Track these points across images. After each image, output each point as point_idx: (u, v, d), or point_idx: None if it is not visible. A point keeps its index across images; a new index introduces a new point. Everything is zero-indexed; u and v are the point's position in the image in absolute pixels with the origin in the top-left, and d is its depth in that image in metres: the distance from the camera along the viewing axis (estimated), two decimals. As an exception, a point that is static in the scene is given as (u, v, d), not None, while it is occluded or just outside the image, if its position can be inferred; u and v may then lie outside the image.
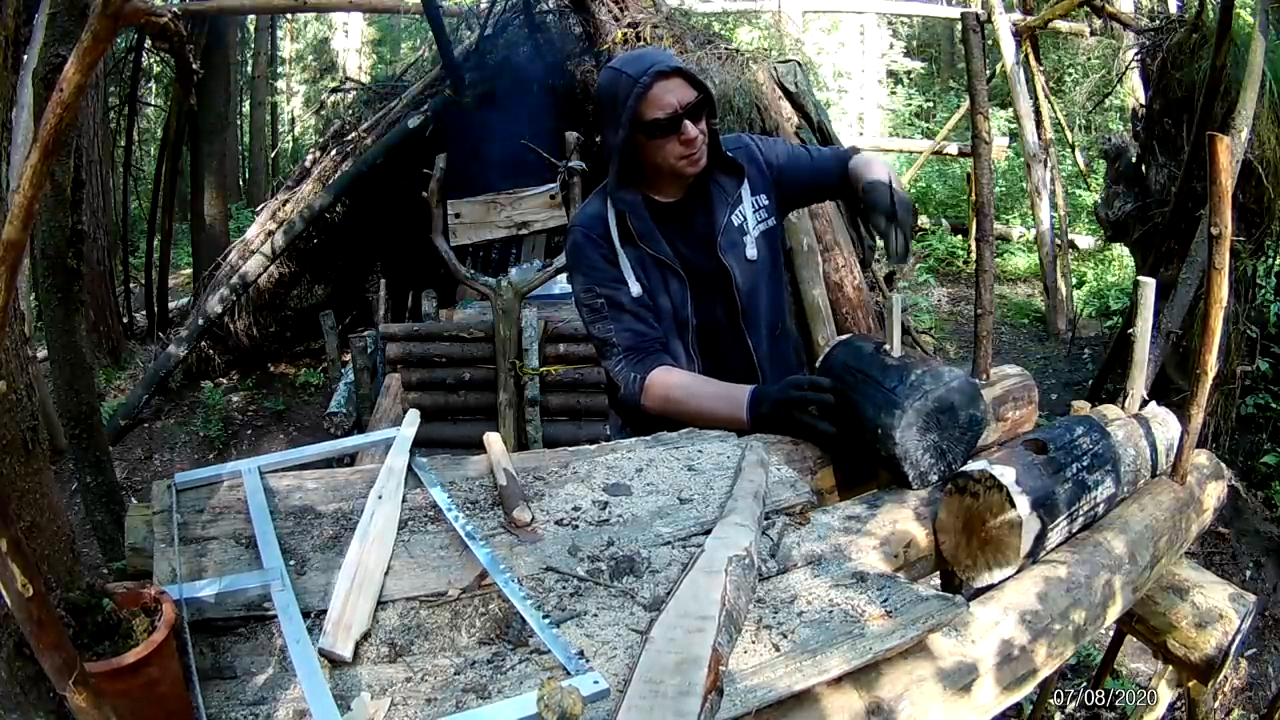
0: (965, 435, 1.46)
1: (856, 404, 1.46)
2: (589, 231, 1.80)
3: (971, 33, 2.03)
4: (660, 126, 1.67)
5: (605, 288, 1.78)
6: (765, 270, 1.89)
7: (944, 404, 1.42)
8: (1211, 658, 1.59)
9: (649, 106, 1.67)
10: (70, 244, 2.75)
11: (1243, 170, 3.76)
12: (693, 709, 0.86)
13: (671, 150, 1.70)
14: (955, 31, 9.82)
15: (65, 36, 2.47)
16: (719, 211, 1.84)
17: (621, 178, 1.77)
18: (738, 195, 1.86)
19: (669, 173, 1.76)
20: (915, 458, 1.40)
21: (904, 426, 1.38)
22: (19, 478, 1.34)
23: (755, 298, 1.87)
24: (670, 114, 1.66)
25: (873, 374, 1.47)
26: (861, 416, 1.44)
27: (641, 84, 1.65)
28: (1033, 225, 7.70)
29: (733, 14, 10.92)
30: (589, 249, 1.79)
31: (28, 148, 2.28)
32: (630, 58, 1.75)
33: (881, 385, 1.44)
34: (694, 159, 1.73)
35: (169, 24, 5.57)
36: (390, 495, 1.26)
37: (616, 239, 1.77)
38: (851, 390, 1.49)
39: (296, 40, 16.51)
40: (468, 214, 5.13)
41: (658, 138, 1.69)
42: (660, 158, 1.72)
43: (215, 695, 0.94)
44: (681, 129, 1.68)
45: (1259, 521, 3.98)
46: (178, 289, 8.67)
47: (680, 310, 1.81)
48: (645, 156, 1.74)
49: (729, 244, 1.83)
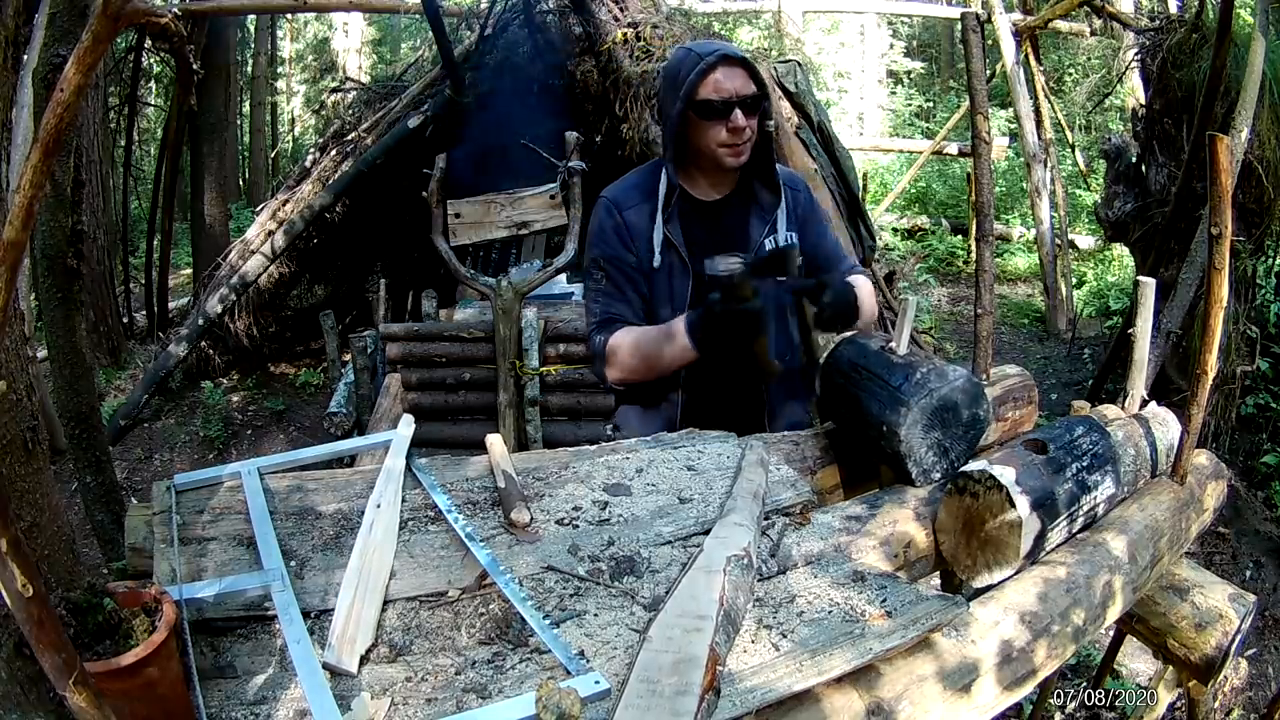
0: (968, 434, 1.46)
1: (861, 400, 1.47)
2: (615, 200, 1.81)
3: (971, 33, 2.04)
4: (713, 108, 1.69)
5: (613, 257, 1.79)
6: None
7: (948, 402, 1.42)
8: (1211, 658, 1.59)
9: (707, 87, 1.69)
10: (70, 244, 2.75)
11: (1243, 170, 3.76)
12: (690, 708, 0.86)
13: (717, 135, 1.71)
14: (955, 31, 9.83)
15: (65, 36, 2.46)
16: (755, 229, 1.84)
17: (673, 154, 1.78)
18: (774, 218, 1.86)
19: (711, 160, 1.76)
20: (919, 455, 1.41)
21: (909, 424, 1.38)
22: (19, 478, 1.34)
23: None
24: (725, 98, 1.68)
25: (878, 371, 1.48)
26: (866, 413, 1.45)
27: (706, 63, 1.67)
28: (1033, 225, 7.70)
29: (733, 14, 10.93)
30: (605, 219, 1.81)
31: (28, 148, 2.28)
32: (705, 41, 1.79)
33: (887, 383, 1.45)
34: (737, 150, 1.74)
35: (169, 24, 5.59)
36: (389, 503, 1.26)
37: (661, 207, 1.78)
38: (856, 387, 1.49)
39: (296, 40, 16.51)
40: (468, 214, 5.13)
41: (708, 119, 1.70)
42: (705, 141, 1.73)
43: (215, 695, 0.94)
44: (732, 117, 1.69)
45: (1259, 521, 3.97)
46: (178, 289, 8.66)
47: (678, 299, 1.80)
48: (692, 137, 1.75)
49: None
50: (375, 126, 5.90)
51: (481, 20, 5.81)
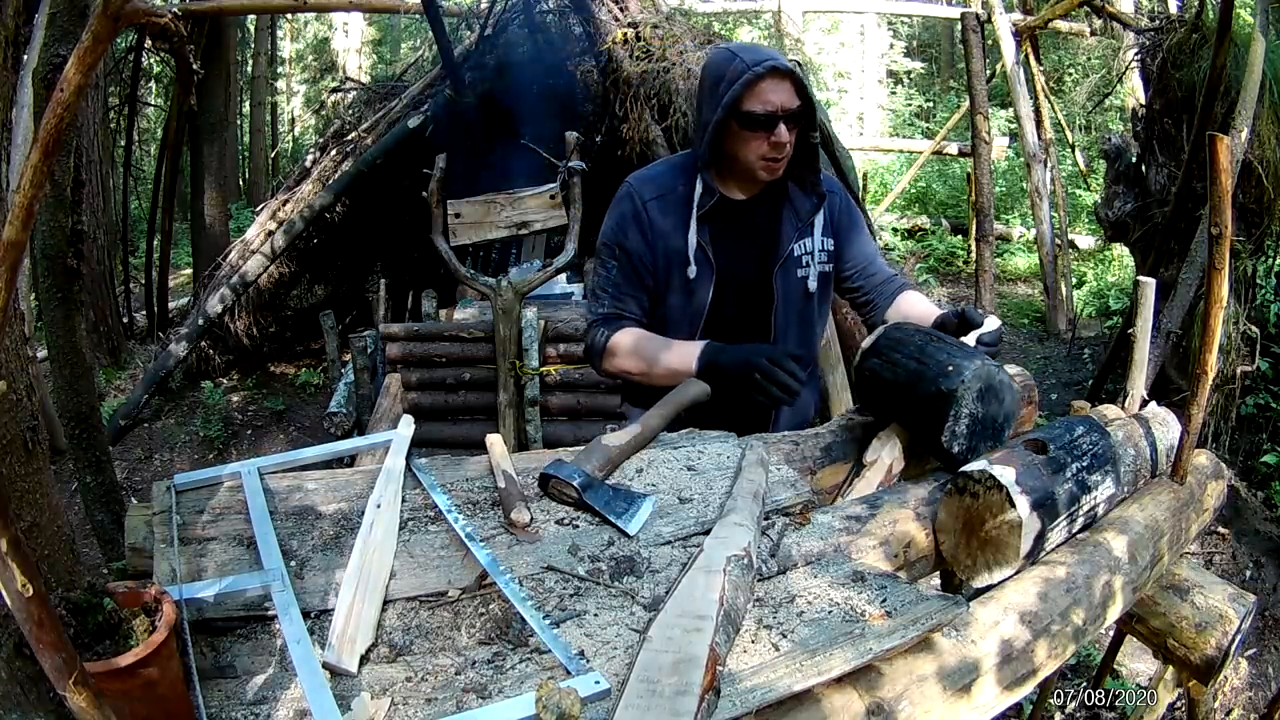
0: (990, 431, 1.47)
1: (925, 349, 1.48)
2: (640, 189, 1.78)
3: (971, 33, 2.04)
4: (757, 120, 1.65)
5: (628, 246, 1.76)
6: (812, 309, 1.86)
7: (1002, 387, 1.45)
8: (1211, 658, 1.59)
9: (753, 97, 1.64)
10: (70, 244, 2.75)
11: (1243, 170, 3.76)
12: (689, 708, 0.86)
13: (757, 148, 1.68)
14: (955, 31, 9.82)
15: (65, 36, 2.46)
16: (786, 231, 1.80)
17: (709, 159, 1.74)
18: (810, 223, 1.82)
19: (747, 171, 1.73)
20: (963, 412, 1.41)
21: (973, 374, 1.40)
22: (19, 478, 1.35)
23: (789, 331, 1.83)
24: (770, 112, 1.64)
25: (948, 339, 1.52)
26: (931, 360, 1.46)
27: (754, 72, 1.62)
28: (1033, 225, 7.69)
29: (733, 14, 10.94)
30: (627, 205, 1.77)
31: (28, 148, 2.28)
32: (749, 46, 1.73)
33: (961, 345, 1.51)
34: (773, 165, 1.70)
35: (169, 24, 5.58)
36: (389, 503, 1.26)
37: (695, 214, 1.74)
38: (924, 343, 1.51)
39: (296, 40, 16.52)
40: (468, 214, 5.12)
41: (750, 130, 1.66)
42: (744, 152, 1.69)
43: (215, 695, 0.94)
44: (775, 131, 1.65)
45: (1259, 521, 3.97)
46: (178, 289, 8.67)
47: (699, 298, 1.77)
48: (729, 145, 1.71)
49: (786, 270, 1.80)
50: (375, 126, 5.90)
51: (481, 20, 5.81)
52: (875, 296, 1.93)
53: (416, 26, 13.56)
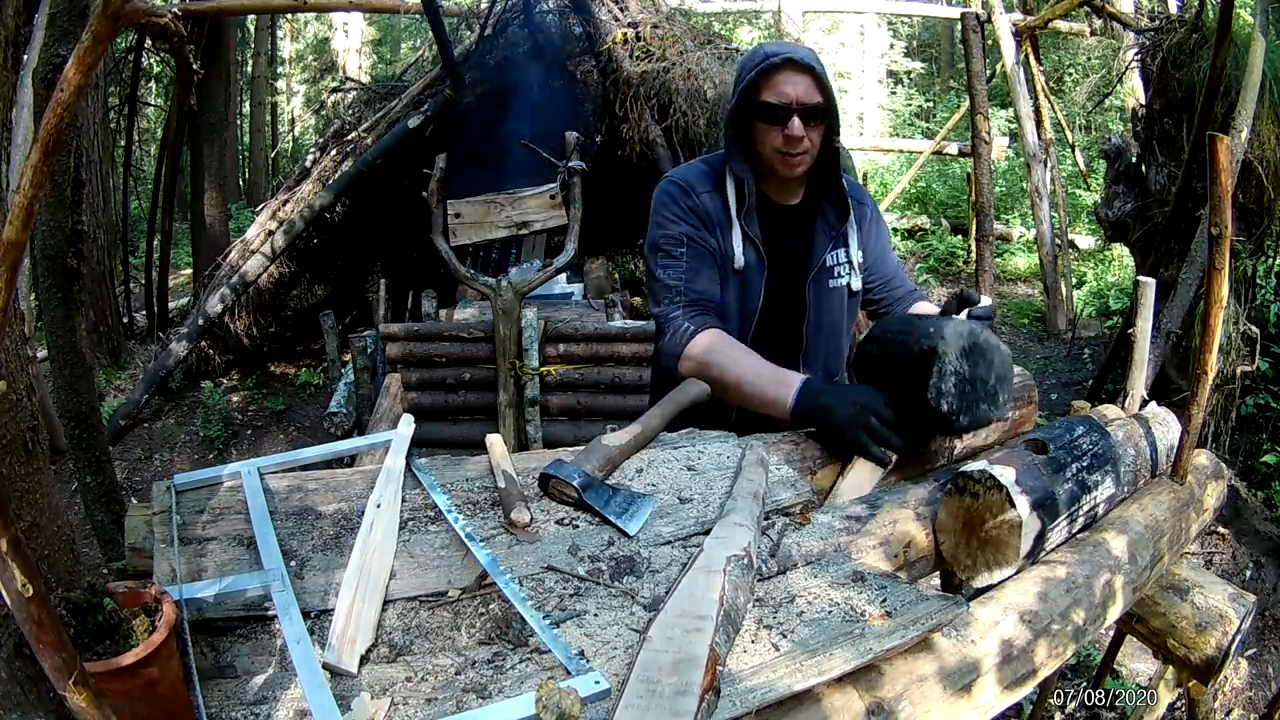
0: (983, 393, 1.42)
1: (911, 321, 1.49)
2: (687, 183, 1.74)
3: (971, 33, 2.04)
4: (770, 111, 1.62)
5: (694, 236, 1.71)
6: (842, 322, 1.86)
7: (988, 346, 1.42)
8: (1211, 658, 1.59)
9: (767, 87, 1.62)
10: (70, 244, 2.75)
11: (1243, 170, 3.76)
12: (689, 708, 0.86)
13: (773, 140, 1.65)
14: (955, 31, 9.82)
15: (65, 36, 2.46)
16: (819, 242, 1.79)
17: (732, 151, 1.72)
18: (843, 233, 1.80)
19: (767, 164, 1.71)
20: (948, 369, 1.39)
21: (953, 330, 1.39)
22: (19, 478, 1.35)
23: (819, 342, 1.82)
24: (784, 103, 1.61)
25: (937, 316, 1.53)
26: (915, 328, 1.45)
27: (769, 62, 1.60)
28: (1033, 225, 7.70)
29: (733, 14, 10.94)
30: (681, 198, 1.73)
31: (28, 148, 2.28)
32: (782, 43, 1.71)
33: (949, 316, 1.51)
34: (791, 160, 1.67)
35: (169, 24, 5.58)
36: (389, 503, 1.26)
37: (734, 208, 1.71)
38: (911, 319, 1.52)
39: (296, 40, 16.53)
40: (468, 214, 5.13)
41: (765, 121, 1.64)
42: (760, 143, 1.68)
43: (215, 695, 0.94)
44: (789, 124, 1.62)
45: (1259, 521, 3.98)
46: (178, 289, 8.67)
47: (751, 300, 1.74)
48: (752, 137, 1.70)
49: (819, 280, 1.78)
50: (375, 126, 5.90)
51: (481, 20, 5.81)
52: (893, 307, 1.93)
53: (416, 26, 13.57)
